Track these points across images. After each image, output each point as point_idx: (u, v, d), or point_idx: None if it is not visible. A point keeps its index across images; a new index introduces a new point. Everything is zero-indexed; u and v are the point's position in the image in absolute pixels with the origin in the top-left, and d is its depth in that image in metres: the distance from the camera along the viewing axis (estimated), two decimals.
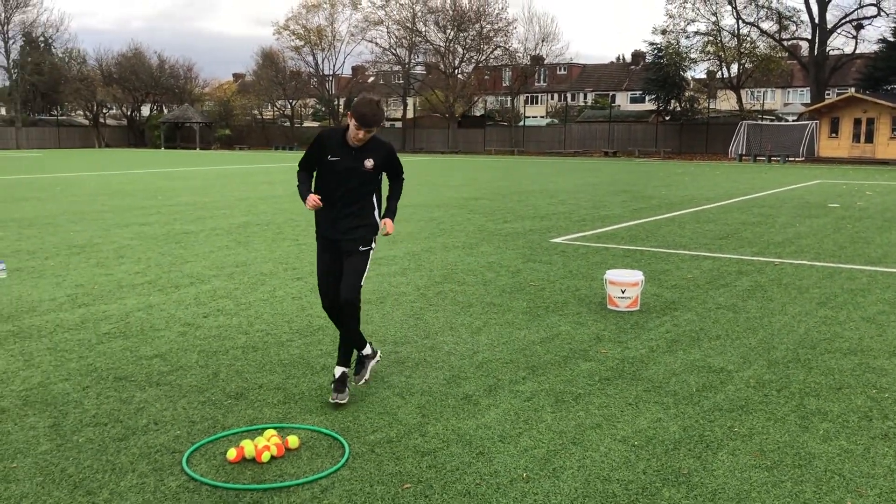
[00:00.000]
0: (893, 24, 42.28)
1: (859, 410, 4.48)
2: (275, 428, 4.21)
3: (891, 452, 3.91)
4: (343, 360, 4.71)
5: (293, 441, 3.95)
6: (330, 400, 4.55)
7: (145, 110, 70.07)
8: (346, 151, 4.56)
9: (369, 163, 4.58)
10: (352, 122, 4.45)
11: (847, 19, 45.16)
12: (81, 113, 68.13)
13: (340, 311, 4.65)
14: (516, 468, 3.74)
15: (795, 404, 4.58)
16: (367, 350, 4.86)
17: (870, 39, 76.92)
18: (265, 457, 3.79)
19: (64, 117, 68.33)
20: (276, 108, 67.44)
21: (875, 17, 44.53)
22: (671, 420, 4.33)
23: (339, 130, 4.62)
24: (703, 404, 4.57)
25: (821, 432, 4.16)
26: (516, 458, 3.84)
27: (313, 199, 4.55)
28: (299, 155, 48.56)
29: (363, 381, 4.79)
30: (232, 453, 3.81)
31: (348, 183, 4.60)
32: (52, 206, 15.51)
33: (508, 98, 61.56)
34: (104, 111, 68.91)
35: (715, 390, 4.81)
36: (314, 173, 4.72)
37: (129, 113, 68.27)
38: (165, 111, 67.89)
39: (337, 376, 4.63)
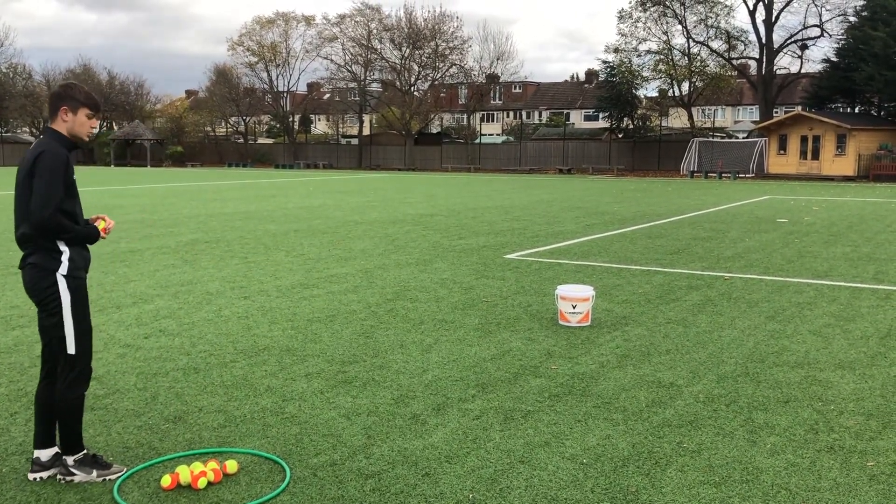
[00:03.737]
0: (836, 45, 43.56)
1: (806, 423, 4.48)
2: (213, 452, 4.06)
3: (836, 465, 3.91)
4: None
5: (232, 466, 3.80)
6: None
7: None
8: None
9: None
10: (83, 113, 3.72)
11: (792, 40, 46.44)
12: (27, 129, 66.53)
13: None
14: (462, 489, 3.64)
15: (744, 419, 4.57)
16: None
17: (814, 59, 79.37)
18: (201, 483, 3.63)
19: (8, 134, 66.64)
20: (229, 125, 66.73)
21: (818, 37, 45.93)
22: (620, 436, 4.28)
23: (61, 141, 3.71)
24: (653, 420, 4.53)
25: (768, 446, 4.15)
26: (463, 479, 3.75)
27: (106, 222, 3.89)
28: (252, 173, 48.15)
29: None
30: (166, 480, 3.64)
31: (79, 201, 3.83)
32: None
33: (465, 115, 61.86)
34: None
35: (664, 406, 4.78)
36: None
37: None
38: (115, 128, 66.70)
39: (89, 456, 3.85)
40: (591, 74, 74.32)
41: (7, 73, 63.99)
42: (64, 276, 3.67)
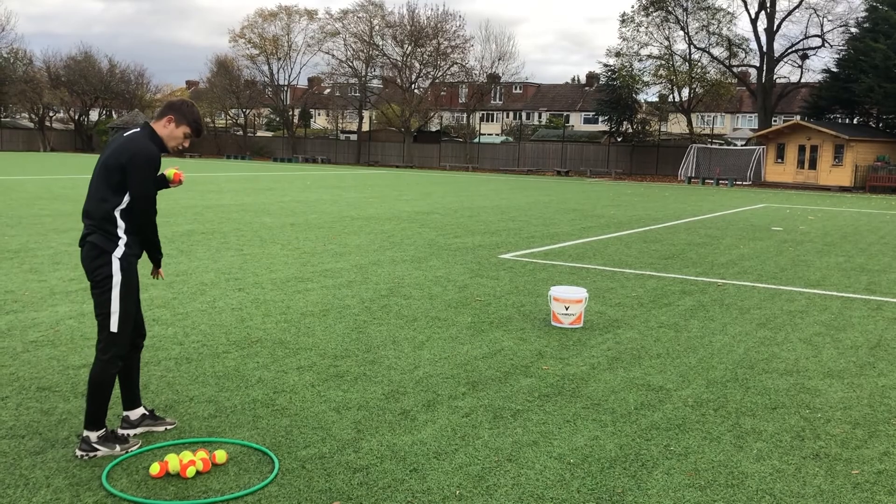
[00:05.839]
0: (837, 56, 43.63)
1: (792, 430, 4.52)
2: (202, 442, 4.08)
3: (821, 472, 3.94)
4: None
5: (221, 456, 3.82)
6: (168, 428, 4.24)
7: (94, 115, 68.54)
8: None
9: None
10: (183, 130, 4.03)
11: (793, 49, 46.49)
12: (26, 115, 66.32)
13: (139, 345, 4.23)
14: (450, 485, 3.67)
15: (731, 424, 4.60)
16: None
17: (814, 69, 79.51)
18: (190, 472, 3.65)
19: (7, 119, 66.42)
20: (228, 117, 66.61)
21: (819, 48, 45.97)
22: (608, 438, 4.31)
23: (154, 141, 3.99)
24: (641, 423, 4.56)
25: (754, 452, 4.18)
26: (450, 476, 3.77)
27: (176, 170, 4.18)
28: (251, 165, 48.10)
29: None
30: (155, 468, 3.66)
31: None
32: None
33: (464, 114, 61.84)
34: (50, 114, 67.22)
35: (653, 409, 4.81)
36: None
37: (76, 117, 66.74)
38: (115, 116, 66.52)
39: (148, 411, 4.25)
40: (591, 77, 74.37)
41: (7, 58, 63.75)
42: (119, 258, 3.89)
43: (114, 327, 3.89)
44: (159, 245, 4.17)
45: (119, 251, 3.90)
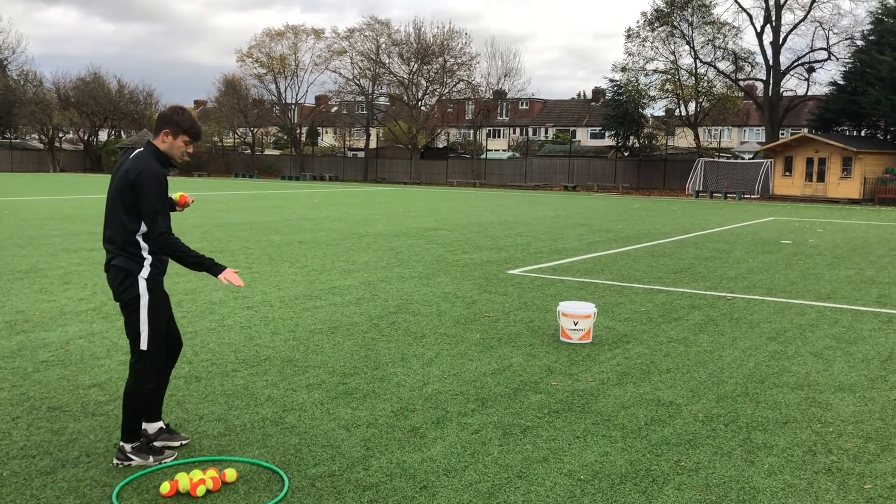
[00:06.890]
0: (843, 69, 43.61)
1: (804, 445, 4.49)
2: (212, 461, 4.08)
3: (833, 487, 3.91)
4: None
5: (230, 474, 3.81)
6: (183, 443, 4.29)
7: (103, 135, 69.04)
8: None
9: None
10: (182, 140, 4.06)
11: (799, 62, 46.52)
12: (36, 136, 66.87)
13: (174, 356, 4.33)
14: (459, 503, 3.65)
15: (742, 438, 4.57)
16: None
17: (821, 82, 79.51)
18: (200, 491, 3.65)
19: (18, 140, 66.96)
20: (237, 136, 66.99)
21: (826, 60, 45.93)
22: (618, 454, 4.29)
23: (158, 157, 4.04)
24: (651, 438, 4.54)
25: (766, 467, 4.15)
26: (460, 493, 3.76)
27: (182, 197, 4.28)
28: (259, 183, 48.28)
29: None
30: (165, 487, 3.66)
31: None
32: None
33: (471, 131, 62.02)
34: (60, 135, 67.74)
35: (663, 424, 4.79)
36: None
37: (86, 137, 67.25)
38: (124, 136, 67.00)
39: (164, 425, 4.31)
40: (597, 93, 74.56)
41: (18, 80, 64.38)
42: (144, 279, 3.98)
43: (144, 345, 4.02)
44: (193, 256, 3.99)
45: (145, 272, 4.00)
